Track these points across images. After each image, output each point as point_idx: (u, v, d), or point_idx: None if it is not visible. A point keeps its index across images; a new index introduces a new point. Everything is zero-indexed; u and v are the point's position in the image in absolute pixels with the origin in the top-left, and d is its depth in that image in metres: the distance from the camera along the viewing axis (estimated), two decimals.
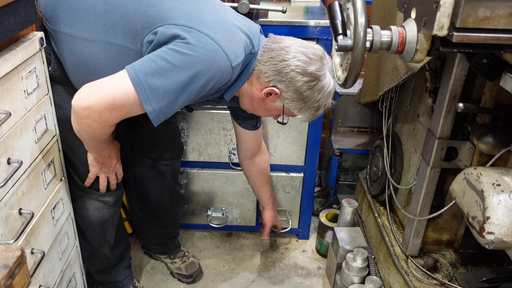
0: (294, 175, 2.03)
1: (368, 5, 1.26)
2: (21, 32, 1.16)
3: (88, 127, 1.20)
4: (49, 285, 1.33)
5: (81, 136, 1.29)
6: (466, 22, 0.94)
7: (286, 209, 2.13)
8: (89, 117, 1.16)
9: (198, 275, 2.00)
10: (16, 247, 0.58)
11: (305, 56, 1.25)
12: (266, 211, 1.91)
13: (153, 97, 1.13)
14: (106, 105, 1.14)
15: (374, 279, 1.69)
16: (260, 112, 1.41)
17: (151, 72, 1.12)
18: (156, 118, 1.17)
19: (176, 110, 1.21)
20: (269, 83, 1.28)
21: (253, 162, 1.76)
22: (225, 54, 1.17)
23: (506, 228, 1.07)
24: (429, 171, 1.50)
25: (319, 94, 1.29)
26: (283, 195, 2.06)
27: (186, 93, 1.16)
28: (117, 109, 1.15)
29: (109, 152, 1.44)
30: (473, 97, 1.42)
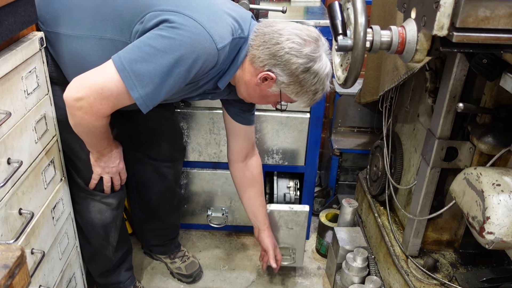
0: (299, 210, 1.83)
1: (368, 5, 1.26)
2: (21, 32, 1.16)
3: (81, 119, 1.21)
4: (49, 285, 1.33)
5: (78, 131, 1.29)
6: (466, 22, 0.94)
7: (289, 246, 1.93)
8: (81, 109, 1.17)
9: (198, 275, 2.00)
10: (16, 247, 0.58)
11: (299, 38, 1.22)
12: (264, 232, 1.77)
13: (138, 83, 1.13)
14: (95, 95, 1.15)
15: (374, 279, 1.69)
16: (258, 99, 1.38)
17: (136, 59, 1.12)
18: (144, 104, 1.17)
19: (164, 95, 1.19)
20: (264, 67, 1.26)
21: (246, 165, 1.69)
22: (210, 35, 1.15)
23: (506, 228, 1.07)
24: (429, 171, 1.50)
25: (315, 76, 1.25)
26: (286, 231, 1.88)
27: (172, 77, 1.15)
28: (107, 99, 1.16)
29: (111, 152, 1.44)
30: (473, 97, 1.42)
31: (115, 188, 1.53)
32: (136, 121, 1.65)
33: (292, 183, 2.07)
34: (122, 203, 1.62)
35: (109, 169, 1.46)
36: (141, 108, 1.18)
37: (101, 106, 1.17)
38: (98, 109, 1.18)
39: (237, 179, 1.72)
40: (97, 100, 1.16)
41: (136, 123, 1.66)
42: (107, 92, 1.15)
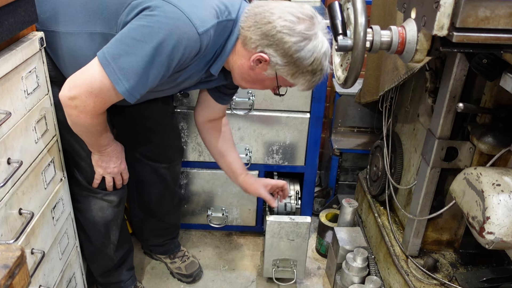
0: (300, 221, 1.77)
1: (368, 5, 1.26)
2: (21, 32, 1.16)
3: (77, 118, 1.22)
4: (49, 285, 1.33)
5: (77, 131, 1.29)
6: (466, 22, 0.94)
7: (290, 259, 1.88)
8: (76, 108, 1.18)
9: (198, 274, 2.00)
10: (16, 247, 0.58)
11: (292, 15, 1.16)
12: (246, 179, 1.68)
13: (123, 77, 1.13)
14: (86, 93, 1.15)
15: (374, 279, 1.69)
16: (254, 84, 1.33)
17: (119, 53, 1.12)
18: (131, 96, 1.17)
19: (151, 84, 1.18)
20: (256, 48, 1.21)
21: (215, 125, 1.63)
22: (189, 20, 1.12)
23: (506, 228, 1.07)
24: (429, 171, 1.50)
25: (311, 55, 1.19)
26: (287, 243, 1.83)
27: (155, 66, 1.14)
28: (97, 96, 1.16)
29: (112, 152, 1.44)
30: (473, 97, 1.42)
31: (117, 187, 1.54)
32: (136, 122, 1.65)
33: (293, 192, 2.03)
34: (123, 201, 1.62)
35: (110, 169, 1.47)
36: (129, 100, 1.17)
37: (94, 104, 1.18)
38: (92, 107, 1.18)
39: (205, 139, 1.67)
40: (89, 98, 1.16)
41: (136, 124, 1.66)
42: (96, 89, 1.15)
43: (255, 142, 1.98)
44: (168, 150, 1.77)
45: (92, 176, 1.48)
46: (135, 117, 1.64)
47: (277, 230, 1.78)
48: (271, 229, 1.78)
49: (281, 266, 1.88)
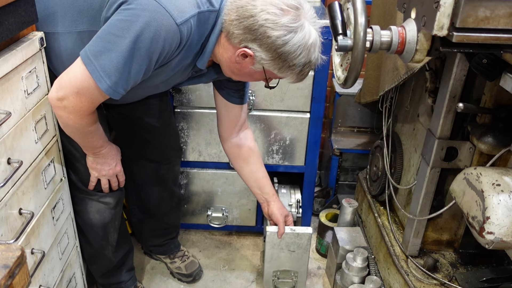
0: (301, 232, 1.73)
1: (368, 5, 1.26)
2: (21, 32, 1.16)
3: (67, 119, 1.21)
4: (49, 285, 1.33)
5: (69, 133, 1.29)
6: (466, 22, 0.94)
7: (291, 270, 1.85)
8: (64, 109, 1.18)
9: (198, 274, 2.00)
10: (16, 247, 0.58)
11: (275, 7, 1.11)
12: (274, 204, 1.66)
13: (104, 74, 1.12)
14: (73, 93, 1.15)
15: (374, 279, 1.69)
16: (243, 77, 1.29)
17: (100, 50, 1.11)
18: (115, 93, 1.16)
19: (134, 80, 1.16)
20: (240, 43, 1.17)
21: (240, 139, 1.59)
22: (167, 11, 1.09)
23: (506, 228, 1.07)
24: (429, 171, 1.50)
25: (298, 49, 1.14)
26: (288, 254, 1.80)
27: (135, 60, 1.12)
28: (84, 95, 1.15)
29: (107, 154, 1.43)
30: (473, 97, 1.42)
31: (113, 189, 1.53)
32: (134, 123, 1.65)
33: (294, 200, 2.00)
34: (121, 203, 1.62)
35: (105, 171, 1.46)
36: (113, 97, 1.16)
37: (81, 104, 1.17)
38: (80, 107, 1.17)
39: (233, 155, 1.63)
40: (76, 98, 1.16)
41: (134, 125, 1.66)
42: (82, 89, 1.15)
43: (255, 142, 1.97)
44: (167, 150, 1.76)
45: (87, 179, 1.47)
46: (133, 118, 1.64)
47: (278, 241, 1.76)
48: (271, 240, 1.75)
49: (281, 278, 1.86)
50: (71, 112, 1.18)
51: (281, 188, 2.03)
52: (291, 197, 2.01)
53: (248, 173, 1.64)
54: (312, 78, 1.82)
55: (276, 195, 1.68)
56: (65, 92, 1.15)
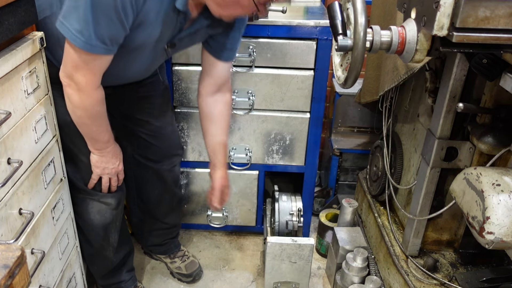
0: (303, 243, 1.73)
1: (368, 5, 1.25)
2: (21, 32, 1.16)
3: (77, 99, 1.25)
4: (49, 285, 1.33)
5: (78, 118, 1.31)
6: (466, 22, 0.94)
7: (292, 281, 1.83)
8: (70, 86, 1.22)
9: (198, 274, 2.00)
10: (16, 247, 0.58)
11: None
12: (218, 171, 1.64)
13: (76, 32, 1.12)
14: (73, 69, 1.19)
15: (374, 279, 1.69)
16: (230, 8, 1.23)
17: (69, 11, 1.12)
18: (93, 47, 1.15)
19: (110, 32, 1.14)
20: None
21: (216, 101, 1.57)
22: None
23: (506, 228, 1.07)
24: (429, 171, 1.50)
25: None
26: (289, 265, 1.78)
27: (100, 9, 1.10)
28: (82, 67, 1.19)
29: (112, 152, 1.45)
30: (473, 97, 1.42)
31: (112, 189, 1.54)
32: (136, 124, 1.65)
33: (295, 208, 1.96)
34: (122, 204, 1.62)
35: (108, 170, 1.47)
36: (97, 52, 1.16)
37: (85, 78, 1.20)
38: (85, 82, 1.21)
39: (204, 113, 1.60)
40: (78, 73, 1.19)
41: (136, 126, 1.66)
42: (77, 61, 1.17)
43: (255, 142, 1.98)
44: (168, 151, 1.77)
45: (88, 177, 1.48)
46: (135, 119, 1.64)
47: (278, 252, 1.74)
48: (272, 250, 1.74)
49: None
50: (79, 89, 1.22)
51: (282, 196, 2.00)
52: (292, 206, 1.97)
53: (209, 134, 1.62)
54: (312, 78, 1.82)
55: (225, 166, 1.65)
56: (68, 69, 1.20)
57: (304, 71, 1.82)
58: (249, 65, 1.80)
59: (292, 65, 1.81)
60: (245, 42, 1.75)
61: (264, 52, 1.78)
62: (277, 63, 1.80)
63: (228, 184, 1.69)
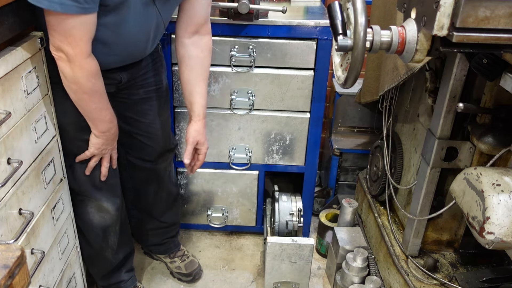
0: (303, 243, 1.72)
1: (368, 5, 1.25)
2: (21, 32, 1.16)
3: (70, 72, 1.21)
4: (49, 285, 1.33)
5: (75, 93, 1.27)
6: (466, 22, 0.94)
7: (292, 282, 1.83)
8: (61, 58, 1.19)
9: (198, 273, 2.00)
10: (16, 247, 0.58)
11: None
12: (193, 124, 1.55)
13: None
14: (58, 38, 1.15)
15: (374, 279, 1.69)
16: None
17: None
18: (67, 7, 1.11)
19: None
20: None
21: (193, 43, 1.49)
22: None
23: (506, 228, 1.07)
24: (429, 171, 1.50)
25: None
26: (289, 265, 1.78)
27: None
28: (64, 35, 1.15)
29: (115, 134, 1.45)
30: (473, 97, 1.42)
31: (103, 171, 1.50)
32: (132, 125, 1.65)
33: (295, 208, 1.96)
34: (119, 210, 1.62)
35: (106, 150, 1.46)
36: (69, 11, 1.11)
37: (70, 46, 1.17)
38: (74, 51, 1.18)
39: (181, 57, 1.52)
40: (63, 43, 1.16)
41: (132, 127, 1.65)
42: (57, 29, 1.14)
43: (255, 142, 1.98)
44: (163, 150, 1.77)
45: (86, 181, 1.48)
46: (132, 120, 1.64)
47: (279, 252, 1.74)
48: (272, 251, 1.74)
49: None
50: (70, 60, 1.19)
51: (282, 196, 2.00)
52: (292, 206, 1.97)
53: (186, 82, 1.54)
54: (312, 78, 1.82)
55: (201, 117, 1.56)
56: (55, 40, 1.16)
57: (304, 71, 1.82)
58: (249, 65, 1.80)
59: (292, 65, 1.81)
60: (245, 42, 1.75)
61: (264, 52, 1.78)
62: (277, 63, 1.80)
63: (203, 142, 1.59)
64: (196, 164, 1.64)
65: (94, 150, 1.44)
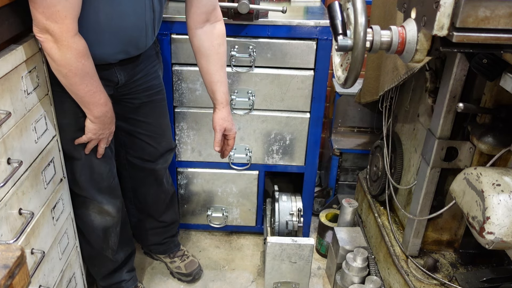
0: (303, 243, 1.72)
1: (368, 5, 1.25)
2: (21, 32, 1.16)
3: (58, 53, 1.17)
4: (49, 285, 1.33)
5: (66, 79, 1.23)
6: (466, 22, 0.94)
7: (292, 282, 1.82)
8: (47, 40, 1.15)
9: (198, 273, 2.00)
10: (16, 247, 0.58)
11: None
12: (218, 112, 1.56)
13: None
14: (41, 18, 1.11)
15: (374, 279, 1.69)
16: None
17: None
18: None
19: None
20: None
21: (205, 32, 1.48)
22: None
23: (506, 228, 1.07)
24: (429, 171, 1.50)
25: None
26: (289, 265, 1.77)
27: None
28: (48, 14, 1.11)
29: (112, 118, 1.40)
30: (473, 97, 1.42)
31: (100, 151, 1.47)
32: (132, 125, 1.65)
33: (295, 208, 1.95)
34: (120, 211, 1.62)
35: (103, 135, 1.42)
36: None
37: (56, 24, 1.13)
38: (59, 29, 1.13)
39: (196, 48, 1.52)
40: (48, 21, 1.12)
41: (131, 128, 1.65)
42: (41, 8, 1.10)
43: (255, 142, 1.98)
44: (164, 151, 1.77)
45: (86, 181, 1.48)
46: (132, 121, 1.64)
47: (279, 252, 1.74)
48: (272, 251, 1.74)
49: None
50: (56, 39, 1.14)
51: (282, 196, 2.00)
52: (292, 206, 1.97)
53: (205, 73, 1.54)
54: (312, 78, 1.82)
55: (224, 105, 1.56)
56: (39, 20, 1.12)
57: (304, 71, 1.82)
58: (249, 65, 1.80)
59: (292, 65, 1.81)
60: (245, 42, 1.75)
61: (264, 52, 1.78)
62: (277, 63, 1.80)
63: (231, 127, 1.59)
64: (227, 149, 1.64)
65: (91, 135, 1.39)
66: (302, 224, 1.93)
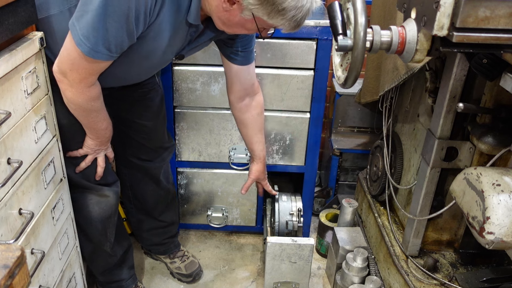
0: (303, 243, 1.73)
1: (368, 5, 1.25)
2: (21, 32, 1.16)
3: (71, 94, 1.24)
4: (49, 285, 1.33)
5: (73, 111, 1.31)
6: (466, 22, 0.94)
7: (292, 282, 1.83)
8: (63, 82, 1.22)
9: (198, 274, 2.00)
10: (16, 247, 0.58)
11: None
12: (255, 164, 1.76)
13: (83, 37, 1.12)
14: (70, 66, 1.18)
15: (374, 279, 1.69)
16: (236, 28, 1.24)
17: (80, 14, 1.11)
18: (98, 54, 1.14)
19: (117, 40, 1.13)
20: None
21: (246, 105, 1.62)
22: None
23: (506, 228, 1.07)
24: (429, 171, 1.50)
25: None
26: (289, 265, 1.78)
27: (110, 17, 1.08)
28: (79, 66, 1.18)
29: (109, 138, 1.48)
30: (473, 97, 1.42)
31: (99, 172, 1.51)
32: (129, 126, 1.65)
33: (295, 208, 1.94)
34: (118, 198, 1.63)
35: (99, 151, 1.49)
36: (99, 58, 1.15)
37: (80, 76, 1.19)
38: (79, 79, 1.20)
39: (238, 120, 1.68)
40: (73, 71, 1.19)
41: (129, 128, 1.66)
42: (75, 60, 1.17)
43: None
44: (160, 150, 1.77)
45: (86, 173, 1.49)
46: (129, 121, 1.64)
47: (278, 252, 1.74)
48: (272, 251, 1.74)
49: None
50: (72, 85, 1.21)
51: (282, 196, 1.99)
52: (292, 206, 1.96)
53: (244, 134, 1.71)
54: (312, 78, 1.82)
55: (262, 159, 1.75)
56: (64, 66, 1.19)
57: (304, 71, 1.82)
58: None
59: (292, 65, 1.81)
60: None
61: (264, 52, 1.78)
62: (277, 63, 1.80)
63: (263, 178, 1.80)
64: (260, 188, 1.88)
65: (87, 150, 1.46)
66: (302, 224, 1.93)
